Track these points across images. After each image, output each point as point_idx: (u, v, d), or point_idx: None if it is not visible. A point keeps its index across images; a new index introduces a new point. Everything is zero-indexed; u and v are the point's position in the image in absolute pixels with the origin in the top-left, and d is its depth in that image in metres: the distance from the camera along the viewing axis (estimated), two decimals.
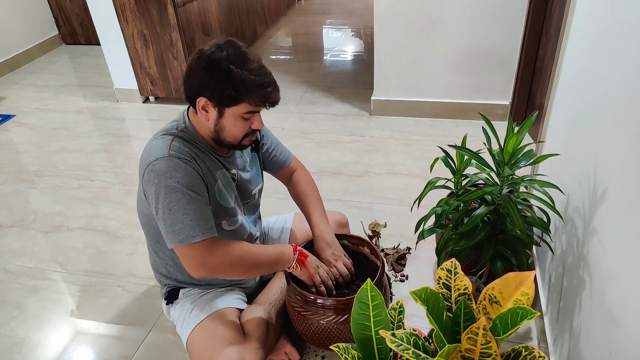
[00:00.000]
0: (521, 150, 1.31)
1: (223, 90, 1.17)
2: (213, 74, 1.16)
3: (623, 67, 1.06)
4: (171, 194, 1.18)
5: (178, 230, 1.19)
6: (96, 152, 2.79)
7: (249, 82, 1.16)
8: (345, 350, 1.01)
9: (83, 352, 1.63)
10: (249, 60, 1.18)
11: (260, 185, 1.53)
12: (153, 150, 1.22)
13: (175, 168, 1.19)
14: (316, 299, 1.35)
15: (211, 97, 1.19)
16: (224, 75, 1.16)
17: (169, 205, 1.18)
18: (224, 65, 1.16)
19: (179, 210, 1.18)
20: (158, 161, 1.19)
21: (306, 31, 4.69)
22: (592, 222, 1.15)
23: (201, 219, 1.20)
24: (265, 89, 1.19)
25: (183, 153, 1.22)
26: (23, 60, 4.13)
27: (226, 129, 1.24)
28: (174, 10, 2.92)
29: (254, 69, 1.18)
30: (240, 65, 1.16)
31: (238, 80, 1.16)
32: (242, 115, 1.22)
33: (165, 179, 1.18)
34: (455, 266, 1.05)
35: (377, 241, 1.90)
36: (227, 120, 1.22)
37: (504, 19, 2.49)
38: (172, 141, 1.23)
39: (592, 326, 1.09)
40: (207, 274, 1.24)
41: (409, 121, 2.86)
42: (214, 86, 1.17)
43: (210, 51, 1.17)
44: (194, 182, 1.21)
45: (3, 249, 2.09)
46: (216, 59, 1.16)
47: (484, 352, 0.88)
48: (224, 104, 1.19)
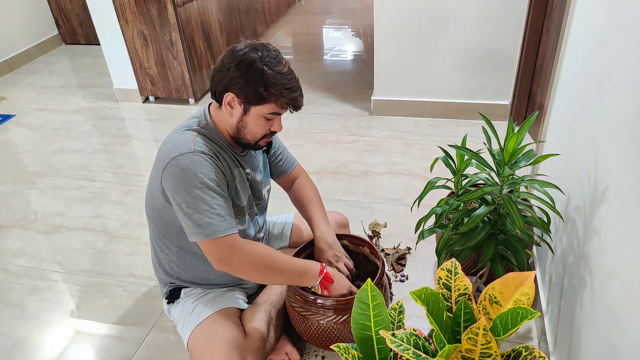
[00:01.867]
0: (521, 150, 1.31)
1: (253, 88, 1.20)
2: (246, 71, 1.20)
3: (623, 66, 1.06)
4: (197, 188, 1.19)
5: (204, 225, 1.20)
6: (96, 152, 2.79)
7: (280, 84, 1.21)
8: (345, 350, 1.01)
9: (83, 352, 1.63)
10: (281, 64, 1.23)
11: (269, 186, 1.56)
12: (176, 145, 1.23)
13: (200, 164, 1.21)
14: (316, 299, 1.35)
15: (240, 93, 1.22)
16: (257, 74, 1.19)
17: (194, 200, 1.19)
18: (257, 64, 1.19)
19: (205, 205, 1.20)
20: (183, 156, 1.20)
21: (306, 31, 4.69)
22: (592, 222, 1.15)
23: (226, 214, 1.23)
24: (293, 92, 1.24)
25: (207, 149, 1.25)
26: (23, 60, 4.13)
27: (248, 127, 1.27)
28: (174, 10, 2.92)
29: (285, 73, 1.23)
30: (273, 67, 1.21)
31: (270, 81, 1.20)
32: (265, 115, 1.25)
33: (190, 174, 1.19)
34: (455, 266, 1.05)
35: (377, 241, 1.90)
36: (251, 118, 1.26)
37: (504, 18, 2.49)
38: (196, 137, 1.26)
39: (593, 326, 1.09)
40: (227, 269, 1.25)
41: (409, 121, 2.86)
42: (245, 83, 1.20)
43: (244, 50, 1.21)
44: (218, 178, 1.24)
45: (3, 249, 2.09)
46: (251, 57, 1.20)
47: (484, 352, 0.88)
48: (251, 101, 1.23)
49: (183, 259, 1.43)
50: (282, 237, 1.70)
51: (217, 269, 1.25)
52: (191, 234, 1.22)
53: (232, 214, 1.26)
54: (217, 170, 1.25)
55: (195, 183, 1.19)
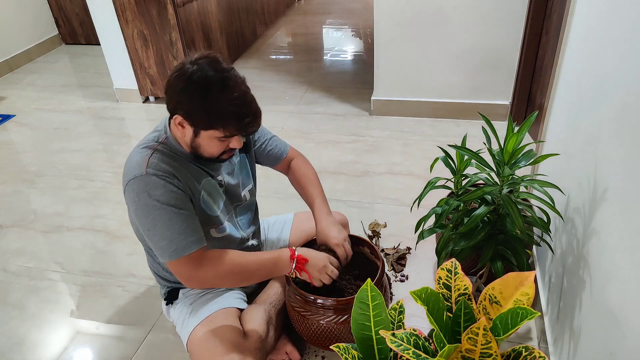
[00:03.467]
0: (521, 150, 1.31)
1: (197, 114, 1.14)
2: (189, 97, 1.13)
3: (623, 66, 1.06)
4: (153, 211, 1.17)
5: (165, 246, 1.18)
6: (96, 152, 2.79)
7: (226, 111, 1.13)
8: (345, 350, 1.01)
9: (83, 352, 1.63)
10: (229, 87, 1.13)
11: (250, 185, 1.51)
12: (131, 167, 1.21)
13: (153, 186, 1.17)
14: (316, 299, 1.35)
15: (186, 117, 1.16)
16: (200, 100, 1.12)
17: (152, 222, 1.18)
18: (201, 90, 1.12)
19: (163, 227, 1.17)
20: (136, 180, 1.18)
21: (306, 31, 4.69)
22: (592, 222, 1.15)
23: (186, 232, 1.19)
24: (242, 120, 1.16)
25: (161, 169, 1.19)
26: (23, 60, 4.13)
27: (202, 147, 1.22)
28: (174, 10, 2.92)
29: (233, 97, 1.13)
30: (219, 91, 1.12)
31: (214, 109, 1.13)
32: (218, 138, 1.19)
33: (144, 197, 1.17)
34: (455, 266, 1.05)
35: (377, 241, 1.90)
36: (203, 140, 1.20)
37: (504, 19, 2.49)
38: (149, 157, 1.21)
39: (592, 326, 1.09)
40: (198, 285, 1.24)
41: (409, 121, 2.86)
42: (190, 109, 1.14)
43: (190, 71, 1.13)
44: (174, 197, 1.19)
45: (3, 249, 2.09)
46: (195, 81, 1.12)
47: (484, 352, 0.88)
48: (198, 126, 1.17)
49: None
50: (281, 238, 1.70)
51: (189, 286, 1.23)
52: (158, 255, 1.21)
53: (197, 229, 1.22)
54: (172, 189, 1.19)
55: (150, 205, 1.17)
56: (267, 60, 3.96)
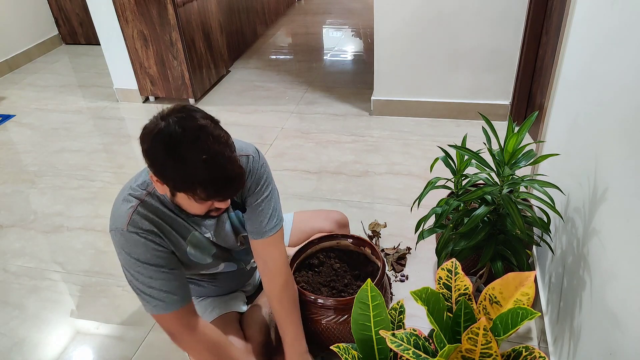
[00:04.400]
0: (521, 150, 1.31)
1: (165, 176, 1.01)
2: (154, 159, 1.00)
3: (623, 67, 1.06)
4: (133, 267, 1.13)
5: (146, 300, 1.15)
6: (96, 152, 2.79)
7: (193, 177, 0.97)
8: (345, 350, 1.01)
9: (83, 352, 1.63)
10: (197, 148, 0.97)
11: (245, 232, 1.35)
12: (116, 216, 1.14)
13: (133, 244, 1.11)
14: (316, 299, 1.35)
15: (157, 176, 1.03)
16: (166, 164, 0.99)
17: (133, 275, 1.14)
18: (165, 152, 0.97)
19: (143, 282, 1.14)
20: (117, 233, 1.13)
21: (306, 31, 4.68)
22: (592, 222, 1.15)
23: (168, 290, 1.14)
24: (212, 186, 0.99)
25: (142, 229, 1.12)
26: (23, 60, 4.12)
27: (184, 206, 1.09)
28: (174, 10, 2.92)
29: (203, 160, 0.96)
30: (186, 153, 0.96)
31: (180, 174, 0.98)
32: (195, 199, 1.02)
33: (125, 253, 1.13)
34: (455, 266, 1.05)
35: (377, 241, 1.90)
36: (182, 200, 1.06)
37: (504, 19, 2.49)
38: (133, 212, 1.12)
39: (592, 326, 1.09)
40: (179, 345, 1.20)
41: (409, 121, 2.86)
42: (156, 170, 1.02)
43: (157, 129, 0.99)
44: (155, 256, 1.13)
45: (3, 249, 2.09)
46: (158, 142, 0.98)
47: (485, 352, 0.88)
48: (172, 187, 1.04)
49: None
50: None
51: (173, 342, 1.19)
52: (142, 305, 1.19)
53: (179, 287, 1.16)
54: (153, 248, 1.13)
55: (131, 262, 1.13)
56: (267, 60, 3.96)
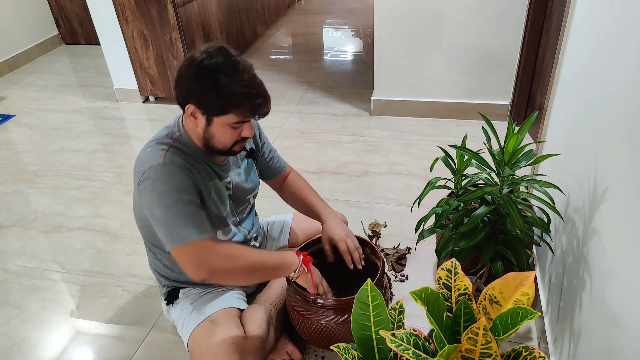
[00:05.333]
0: (521, 150, 1.31)
1: (211, 100, 1.16)
2: (201, 83, 1.15)
3: (623, 66, 1.06)
4: (168, 196, 1.18)
5: (176, 232, 1.18)
6: (96, 152, 2.79)
7: (238, 93, 1.15)
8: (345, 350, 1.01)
9: (83, 352, 1.63)
10: (239, 70, 1.16)
11: (256, 190, 1.53)
12: (147, 159, 1.22)
13: (170, 174, 1.19)
14: (316, 299, 1.35)
15: (199, 105, 1.18)
16: (212, 85, 1.14)
17: (166, 209, 1.18)
18: (212, 74, 1.14)
19: (176, 212, 1.18)
20: (153, 168, 1.19)
21: (306, 31, 4.69)
22: (592, 222, 1.15)
23: (198, 220, 1.20)
24: (254, 100, 1.18)
25: (177, 164, 1.22)
26: (23, 60, 4.13)
27: (215, 137, 1.23)
28: (174, 10, 2.92)
29: (244, 79, 1.16)
30: (230, 75, 1.14)
31: (226, 92, 1.14)
32: (230, 125, 1.20)
33: (160, 184, 1.18)
34: (455, 266, 1.05)
35: (377, 241, 1.90)
36: (216, 129, 1.21)
37: (504, 19, 2.49)
38: (166, 151, 1.23)
39: (592, 326, 1.09)
40: (207, 275, 1.21)
41: (409, 121, 2.86)
42: (202, 95, 1.16)
43: (200, 58, 1.15)
44: (189, 187, 1.21)
45: (3, 249, 2.09)
46: (205, 67, 1.14)
47: (484, 352, 0.88)
48: (212, 113, 1.18)
49: (175, 264, 1.42)
50: (281, 237, 1.70)
51: (197, 277, 1.20)
52: (165, 242, 1.20)
53: (206, 222, 1.24)
54: (188, 180, 1.22)
55: (167, 191, 1.17)
56: (267, 60, 3.96)
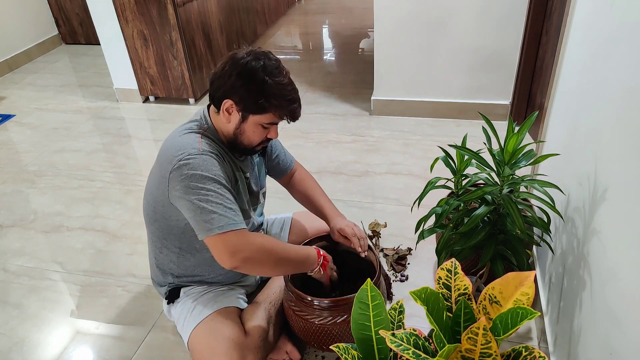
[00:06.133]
0: (521, 150, 1.31)
1: (254, 98, 1.22)
2: (247, 81, 1.20)
3: (623, 67, 1.06)
4: (208, 185, 1.20)
5: (217, 218, 1.19)
6: (96, 152, 2.79)
7: (280, 95, 1.22)
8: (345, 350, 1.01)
9: (83, 352, 1.63)
10: (282, 74, 1.24)
11: (264, 189, 1.57)
12: (183, 146, 1.24)
13: (210, 162, 1.23)
14: (313, 300, 1.35)
15: (239, 101, 1.23)
16: (258, 84, 1.20)
17: (206, 194, 1.19)
18: (259, 74, 1.20)
19: (216, 200, 1.20)
20: (191, 157, 1.21)
21: (306, 31, 4.69)
22: (592, 222, 1.15)
23: (235, 209, 1.23)
24: (293, 104, 1.26)
25: (213, 151, 1.26)
26: (23, 60, 4.13)
27: (245, 134, 1.29)
28: (174, 10, 2.92)
29: (286, 84, 1.24)
30: (275, 77, 1.22)
31: (271, 92, 1.21)
32: (262, 124, 1.27)
33: (201, 170, 1.21)
34: (455, 266, 1.05)
35: (377, 241, 1.90)
36: (249, 126, 1.27)
37: (504, 19, 2.49)
38: (201, 138, 1.27)
39: (592, 326, 1.09)
40: (239, 263, 1.21)
41: (409, 121, 2.86)
42: (246, 92, 1.22)
43: (246, 59, 1.21)
44: (226, 177, 1.26)
45: (3, 249, 2.09)
46: (252, 66, 1.20)
47: (484, 352, 0.88)
48: (251, 110, 1.24)
49: (183, 259, 1.43)
50: (281, 237, 1.71)
51: (229, 265, 1.20)
52: (202, 229, 1.19)
53: (241, 213, 1.26)
54: (224, 169, 1.27)
55: (206, 180, 1.20)
56: None
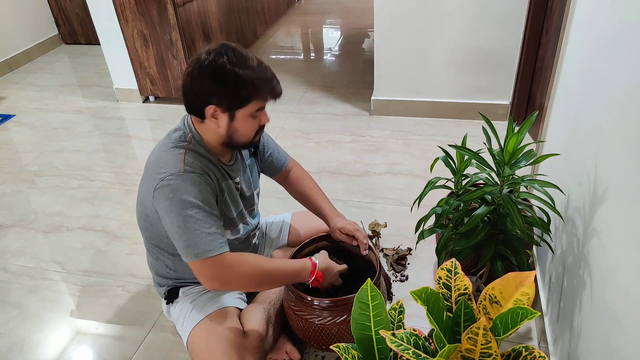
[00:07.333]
0: (521, 150, 1.31)
1: (233, 93, 1.19)
2: (220, 80, 1.17)
3: (623, 66, 1.06)
4: (187, 209, 1.18)
5: (194, 245, 1.18)
6: (96, 152, 2.79)
7: (256, 79, 1.20)
8: (345, 350, 1.01)
9: (83, 352, 1.63)
10: (248, 59, 1.20)
11: (258, 189, 1.55)
12: (166, 163, 1.22)
13: (191, 183, 1.20)
14: (313, 300, 1.35)
15: (220, 102, 1.20)
16: (231, 79, 1.17)
17: (184, 220, 1.18)
18: (227, 69, 1.17)
19: (195, 225, 1.18)
20: (173, 176, 1.19)
21: (306, 31, 4.69)
22: (592, 222, 1.15)
23: (216, 233, 1.21)
24: (271, 82, 1.23)
25: (197, 168, 1.23)
26: (23, 60, 4.12)
27: (239, 131, 1.26)
28: (174, 10, 2.92)
29: (255, 66, 1.20)
30: (243, 65, 1.18)
31: (246, 80, 1.18)
32: (252, 114, 1.24)
33: (180, 194, 1.18)
34: (455, 266, 1.05)
35: (377, 241, 1.90)
36: (239, 122, 1.24)
37: (504, 19, 2.49)
38: (184, 155, 1.24)
39: (592, 326, 1.09)
40: (219, 286, 1.24)
41: (409, 121, 2.86)
42: (224, 91, 1.19)
43: (209, 59, 1.18)
44: (209, 197, 1.23)
45: (3, 249, 2.09)
46: (219, 65, 1.17)
47: (484, 352, 0.88)
48: (235, 106, 1.21)
49: (178, 265, 1.43)
50: (280, 237, 1.70)
51: (210, 287, 1.23)
52: (183, 254, 1.21)
53: (223, 232, 1.24)
54: (207, 189, 1.23)
55: (185, 204, 1.18)
56: (267, 60, 3.93)
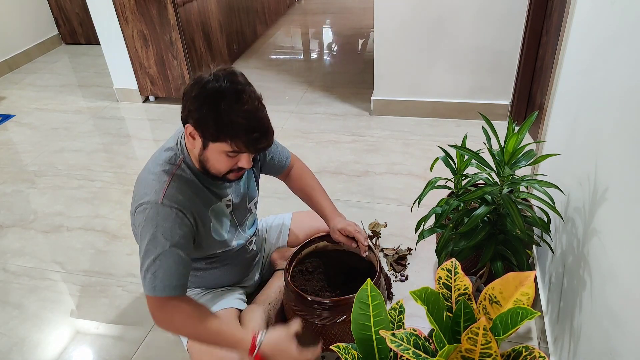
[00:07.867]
0: (521, 150, 1.31)
1: (207, 124, 1.11)
2: (201, 105, 1.11)
3: (623, 66, 1.06)
4: (152, 242, 1.16)
5: (150, 278, 1.17)
6: (96, 152, 2.79)
7: (235, 123, 1.10)
8: (345, 350, 1.01)
9: (83, 352, 1.63)
10: (241, 100, 1.10)
11: (256, 198, 1.51)
12: (149, 189, 1.19)
13: (164, 217, 1.16)
14: (313, 300, 1.35)
15: (196, 127, 1.13)
16: (210, 109, 1.10)
17: (146, 251, 1.17)
18: (213, 98, 1.10)
19: (155, 260, 1.16)
20: (149, 205, 1.17)
21: (306, 31, 4.69)
22: (592, 222, 1.15)
23: (174, 275, 1.17)
24: (250, 134, 1.12)
25: (177, 202, 1.18)
26: (23, 60, 4.12)
27: (209, 162, 1.19)
28: (174, 10, 2.92)
29: (244, 111, 1.10)
30: (231, 103, 1.09)
31: (224, 119, 1.09)
32: (226, 153, 1.15)
33: (151, 226, 1.16)
34: (455, 266, 1.05)
35: (377, 241, 1.90)
36: (211, 154, 1.17)
37: (504, 19, 2.49)
38: (168, 185, 1.19)
39: (592, 326, 1.09)
40: (158, 325, 1.23)
41: (409, 121, 2.86)
42: (200, 118, 1.12)
43: (206, 80, 1.11)
44: (179, 236, 1.18)
45: (3, 249, 2.09)
46: (208, 90, 1.10)
47: (484, 352, 0.88)
48: (207, 137, 1.14)
49: None
50: (280, 239, 1.70)
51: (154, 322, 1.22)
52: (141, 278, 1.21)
53: (184, 275, 1.20)
54: (181, 226, 1.19)
55: (154, 236, 1.16)
56: (267, 60, 3.96)
